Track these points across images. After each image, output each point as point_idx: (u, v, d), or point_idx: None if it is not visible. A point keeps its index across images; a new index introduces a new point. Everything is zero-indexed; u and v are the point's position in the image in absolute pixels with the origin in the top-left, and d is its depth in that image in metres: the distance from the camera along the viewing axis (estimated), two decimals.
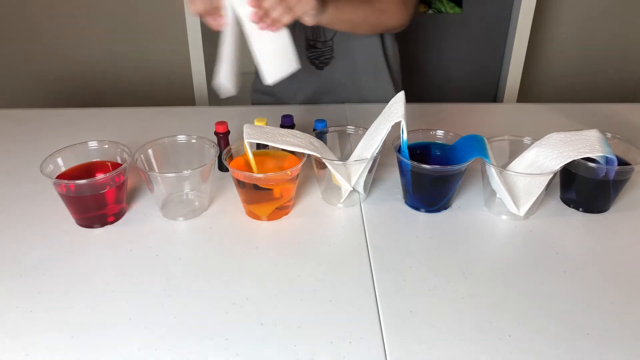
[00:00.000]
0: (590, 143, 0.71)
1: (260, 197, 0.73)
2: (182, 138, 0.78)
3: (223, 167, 0.86)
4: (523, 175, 0.72)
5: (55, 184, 0.70)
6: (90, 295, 0.60)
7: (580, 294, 0.61)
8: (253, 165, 0.73)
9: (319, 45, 1.08)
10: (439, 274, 0.63)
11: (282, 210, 0.75)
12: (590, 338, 0.55)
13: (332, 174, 0.74)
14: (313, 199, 0.79)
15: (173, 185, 0.75)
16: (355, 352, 0.53)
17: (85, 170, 0.75)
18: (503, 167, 0.75)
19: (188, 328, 0.56)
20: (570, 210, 0.77)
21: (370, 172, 0.76)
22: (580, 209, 0.76)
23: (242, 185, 0.73)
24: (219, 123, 0.82)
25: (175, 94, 2.26)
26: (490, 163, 0.70)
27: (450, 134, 0.79)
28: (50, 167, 0.72)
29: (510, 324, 0.56)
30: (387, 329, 0.55)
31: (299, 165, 0.72)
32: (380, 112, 0.76)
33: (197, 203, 0.76)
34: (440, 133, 0.80)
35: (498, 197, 0.74)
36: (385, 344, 0.54)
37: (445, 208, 0.77)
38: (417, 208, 0.76)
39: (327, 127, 0.83)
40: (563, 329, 0.56)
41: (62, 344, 0.54)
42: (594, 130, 0.74)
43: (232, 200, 0.78)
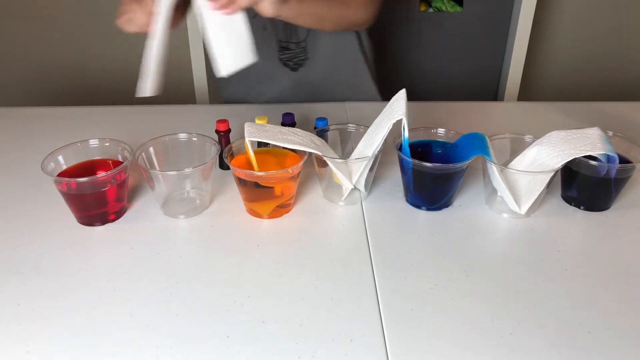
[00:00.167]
0: (592, 141, 0.71)
1: (261, 195, 0.73)
2: (183, 136, 0.78)
3: (224, 165, 0.86)
4: (524, 174, 0.72)
5: (56, 182, 0.70)
6: (92, 293, 0.60)
7: (581, 292, 0.61)
8: (254, 163, 0.72)
9: (292, 47, 1.06)
10: (440, 272, 0.63)
11: (283, 209, 0.75)
12: (591, 336, 0.55)
13: (333, 172, 0.74)
14: (314, 197, 0.79)
15: (174, 183, 0.75)
16: (357, 349, 0.53)
17: (86, 168, 0.75)
18: (504, 165, 0.75)
19: (189, 326, 0.56)
20: (572, 209, 0.77)
21: (372, 170, 0.76)
22: (582, 207, 0.76)
23: (243, 183, 0.73)
24: (220, 121, 0.82)
25: (176, 92, 2.26)
26: (492, 161, 0.70)
27: (452, 132, 0.79)
28: (51, 165, 0.72)
29: (512, 322, 0.56)
30: (388, 327, 0.55)
31: (300, 163, 0.71)
32: (382, 110, 0.76)
33: (198, 201, 0.76)
34: (442, 131, 0.80)
35: (499, 195, 0.74)
36: (387, 342, 0.54)
37: (447, 206, 0.77)
38: (418, 206, 0.76)
39: (328, 125, 0.83)
40: (564, 327, 0.56)
41: (63, 342, 0.54)
42: (596, 128, 0.74)
43: (233, 199, 0.78)
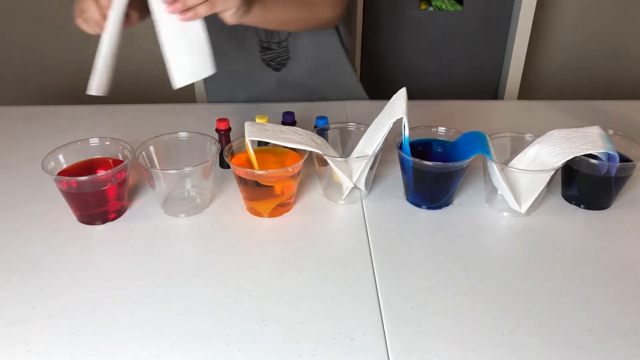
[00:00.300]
0: (592, 140, 0.71)
1: (262, 194, 0.73)
2: (183, 135, 0.78)
3: (224, 164, 0.86)
4: (525, 172, 0.72)
5: (57, 181, 0.70)
6: (92, 292, 0.60)
7: (582, 291, 0.61)
8: (254, 162, 0.72)
9: (274, 47, 1.05)
10: (441, 271, 0.63)
11: (283, 207, 0.75)
12: (592, 335, 0.55)
13: (333, 171, 0.74)
14: (314, 196, 0.79)
15: (174, 182, 0.75)
16: (357, 348, 0.53)
17: (87, 167, 0.75)
18: (504, 163, 0.75)
19: (190, 325, 0.56)
20: (572, 207, 0.77)
21: (372, 169, 0.76)
22: (582, 206, 0.76)
23: (243, 182, 0.73)
24: (220, 120, 0.82)
25: (176, 91, 2.25)
26: (492, 160, 0.70)
27: (452, 131, 0.79)
28: (52, 164, 0.72)
29: (512, 321, 0.56)
30: (388, 326, 0.56)
31: (301, 162, 0.71)
32: (382, 109, 0.76)
33: (198, 200, 0.76)
34: (442, 130, 0.80)
35: (499, 193, 0.74)
36: (387, 341, 0.54)
37: (447, 205, 0.77)
38: (418, 205, 0.76)
39: (328, 124, 0.83)
40: (564, 326, 0.56)
41: (63, 341, 0.54)
42: (596, 127, 0.74)
43: (233, 197, 0.78)
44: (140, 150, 0.74)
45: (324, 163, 0.74)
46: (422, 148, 0.78)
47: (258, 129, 0.72)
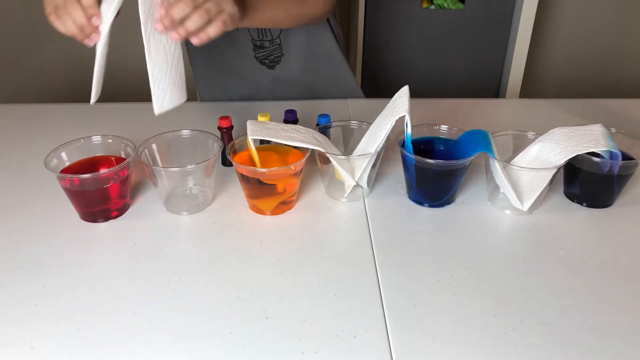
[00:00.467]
0: (595, 138, 0.71)
1: (264, 191, 0.73)
2: (185, 133, 0.78)
3: (227, 161, 0.86)
4: (527, 170, 0.72)
5: (59, 178, 0.70)
6: (95, 289, 0.60)
7: (584, 289, 0.61)
8: (256, 160, 0.73)
9: (267, 45, 1.05)
10: (443, 269, 0.64)
11: (285, 205, 0.75)
12: (594, 332, 0.55)
13: (335, 169, 0.74)
14: (316, 194, 0.79)
15: (177, 180, 0.75)
16: (360, 345, 0.53)
17: (89, 165, 0.75)
18: (507, 161, 0.75)
19: (193, 322, 0.56)
20: (574, 205, 0.77)
21: (374, 166, 0.76)
22: (584, 204, 0.76)
23: (246, 180, 0.73)
24: (222, 118, 0.82)
25: None
26: (495, 158, 0.70)
27: (454, 129, 0.79)
28: (55, 161, 0.72)
29: (514, 319, 0.56)
30: (391, 323, 0.56)
31: (303, 160, 0.71)
32: (384, 107, 0.76)
33: (201, 198, 0.76)
34: (444, 128, 0.80)
35: (502, 191, 0.74)
36: (390, 338, 0.54)
37: (449, 203, 0.77)
38: (420, 203, 0.76)
39: (330, 121, 0.83)
40: (567, 324, 0.56)
41: (66, 338, 0.54)
42: (598, 125, 0.73)
43: (235, 195, 0.78)
44: (143, 148, 0.74)
45: (326, 161, 0.74)
46: (424, 146, 0.78)
47: (260, 128, 0.72)
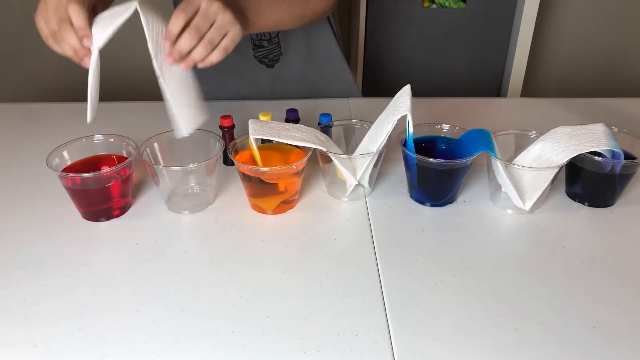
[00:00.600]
0: (597, 137, 0.71)
1: (266, 191, 0.73)
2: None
3: (228, 160, 0.86)
4: (529, 169, 0.72)
5: (61, 177, 0.70)
6: (97, 289, 0.60)
7: (586, 288, 0.61)
8: (258, 159, 0.73)
9: (265, 44, 1.05)
10: (445, 268, 0.63)
11: (287, 204, 0.75)
12: (596, 332, 0.55)
13: (337, 168, 0.73)
14: (318, 193, 0.79)
15: (178, 179, 0.75)
16: (362, 345, 0.53)
17: (91, 164, 0.75)
18: (508, 161, 0.75)
19: (194, 321, 0.56)
20: (576, 205, 0.76)
21: (376, 166, 0.76)
22: (586, 203, 0.76)
23: (247, 179, 0.73)
24: (224, 117, 0.82)
25: None
26: (496, 157, 0.70)
27: (456, 128, 0.79)
28: (56, 160, 0.73)
29: (516, 318, 0.56)
30: (393, 322, 0.56)
31: (304, 159, 0.71)
32: (385, 106, 0.76)
33: (202, 197, 0.76)
34: (446, 127, 0.80)
35: (503, 191, 0.74)
36: (392, 337, 0.54)
37: (451, 202, 0.77)
38: (422, 202, 0.76)
39: (332, 121, 0.82)
40: (569, 323, 0.56)
41: (69, 337, 0.54)
42: (600, 124, 0.73)
43: (237, 194, 0.78)
44: (145, 147, 0.74)
45: (328, 160, 0.74)
46: (426, 145, 0.78)
47: (262, 127, 0.72)
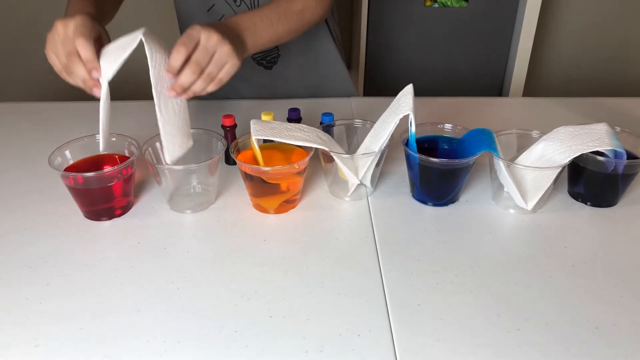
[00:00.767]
0: (599, 136, 0.71)
1: (268, 190, 0.73)
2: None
3: (230, 160, 0.86)
4: (531, 169, 0.72)
5: (63, 177, 0.70)
6: (99, 288, 0.61)
7: (588, 288, 0.61)
8: (260, 159, 0.72)
9: None
10: (447, 268, 0.63)
11: (289, 204, 0.75)
12: (599, 332, 0.55)
13: (339, 168, 0.73)
14: (320, 193, 0.79)
15: (180, 178, 0.75)
16: (364, 344, 0.53)
17: (93, 163, 0.75)
18: (511, 160, 0.75)
19: (196, 320, 0.56)
20: (578, 204, 0.76)
21: (378, 165, 0.76)
22: (589, 203, 0.76)
23: (249, 179, 0.73)
24: (226, 116, 0.82)
25: None
26: (499, 157, 0.70)
27: (459, 128, 0.79)
28: (58, 159, 0.73)
29: (518, 318, 0.56)
30: (395, 322, 0.56)
31: (306, 159, 0.71)
32: (388, 105, 0.76)
33: (204, 196, 0.76)
34: (449, 126, 0.80)
35: (506, 191, 0.74)
36: (394, 337, 0.54)
37: (453, 202, 0.76)
38: (424, 202, 0.76)
39: (334, 120, 0.82)
40: (571, 323, 0.56)
41: (71, 336, 0.54)
42: (603, 124, 0.73)
43: (239, 194, 0.78)
44: (147, 147, 0.74)
45: (330, 160, 0.74)
46: (428, 145, 0.78)
47: (264, 127, 0.72)
